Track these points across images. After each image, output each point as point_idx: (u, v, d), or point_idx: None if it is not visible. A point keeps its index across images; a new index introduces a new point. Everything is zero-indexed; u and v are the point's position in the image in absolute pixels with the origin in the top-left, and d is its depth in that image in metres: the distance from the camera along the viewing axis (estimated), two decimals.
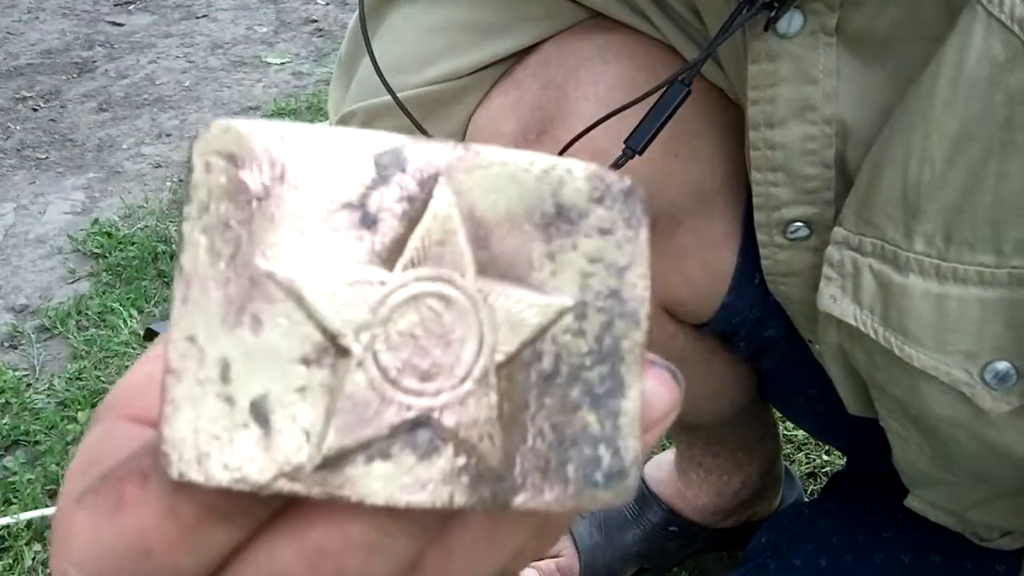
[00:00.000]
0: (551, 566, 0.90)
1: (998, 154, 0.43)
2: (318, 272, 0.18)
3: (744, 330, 0.64)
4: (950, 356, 0.46)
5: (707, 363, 0.70)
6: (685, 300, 0.64)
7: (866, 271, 0.48)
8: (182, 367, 0.18)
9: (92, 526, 0.19)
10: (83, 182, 1.80)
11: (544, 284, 0.19)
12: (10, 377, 1.23)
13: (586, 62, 0.57)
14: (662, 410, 0.20)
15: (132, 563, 0.18)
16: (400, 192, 0.18)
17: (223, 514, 0.18)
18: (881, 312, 0.48)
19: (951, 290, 0.45)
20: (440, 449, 0.18)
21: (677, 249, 0.61)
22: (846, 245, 0.50)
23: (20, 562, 0.95)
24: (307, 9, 2.85)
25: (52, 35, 2.63)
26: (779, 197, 0.54)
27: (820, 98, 0.50)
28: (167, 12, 2.83)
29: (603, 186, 0.19)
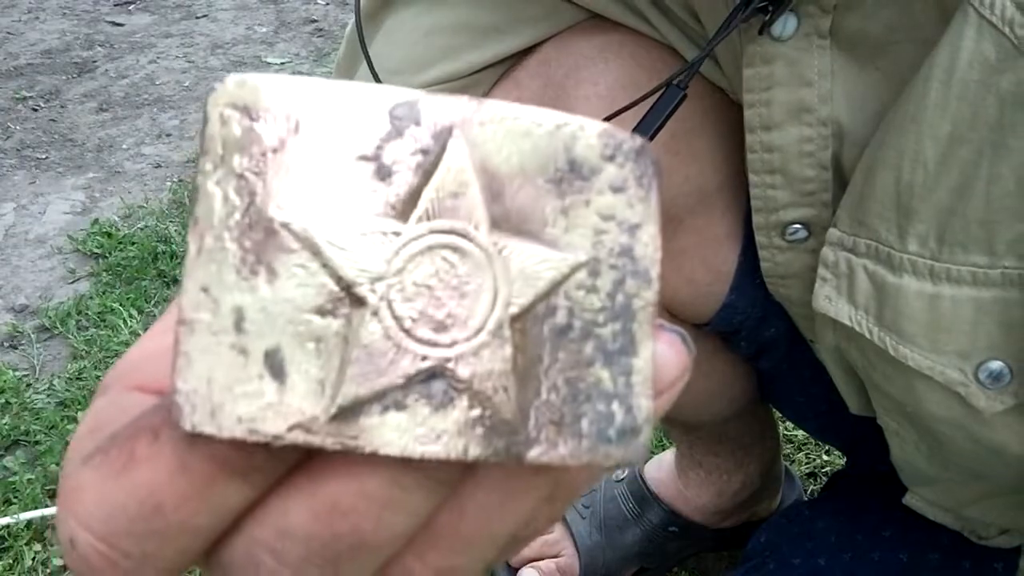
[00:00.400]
0: (551, 566, 0.90)
1: (989, 156, 0.43)
2: (333, 223, 0.18)
3: (745, 330, 0.64)
4: (944, 356, 0.46)
5: (708, 363, 0.70)
6: (686, 300, 0.64)
7: (860, 272, 0.49)
8: (195, 318, 0.18)
9: (101, 485, 0.18)
10: (83, 182, 1.80)
11: (557, 239, 0.19)
12: (10, 377, 1.23)
13: (586, 62, 0.57)
14: (673, 374, 0.20)
15: (142, 522, 0.18)
16: (414, 144, 0.18)
17: (236, 469, 0.18)
18: (875, 312, 0.48)
19: (944, 290, 0.45)
20: (455, 400, 0.18)
21: (678, 248, 0.62)
22: (840, 246, 0.50)
23: (20, 562, 0.95)
24: (307, 9, 2.85)
25: (52, 35, 2.63)
26: (777, 199, 0.54)
27: (815, 100, 0.50)
28: (167, 12, 2.83)
29: (615, 143, 0.19)
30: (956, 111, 0.43)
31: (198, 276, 0.18)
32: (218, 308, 0.18)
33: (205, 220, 0.18)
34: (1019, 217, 0.43)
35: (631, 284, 0.19)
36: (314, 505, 0.18)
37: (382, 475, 0.18)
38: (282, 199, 0.18)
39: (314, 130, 0.18)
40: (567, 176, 0.19)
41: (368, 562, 0.19)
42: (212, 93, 0.19)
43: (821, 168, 0.52)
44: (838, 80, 0.49)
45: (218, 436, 0.18)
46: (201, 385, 0.18)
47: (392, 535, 0.19)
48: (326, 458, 0.18)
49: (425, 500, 0.19)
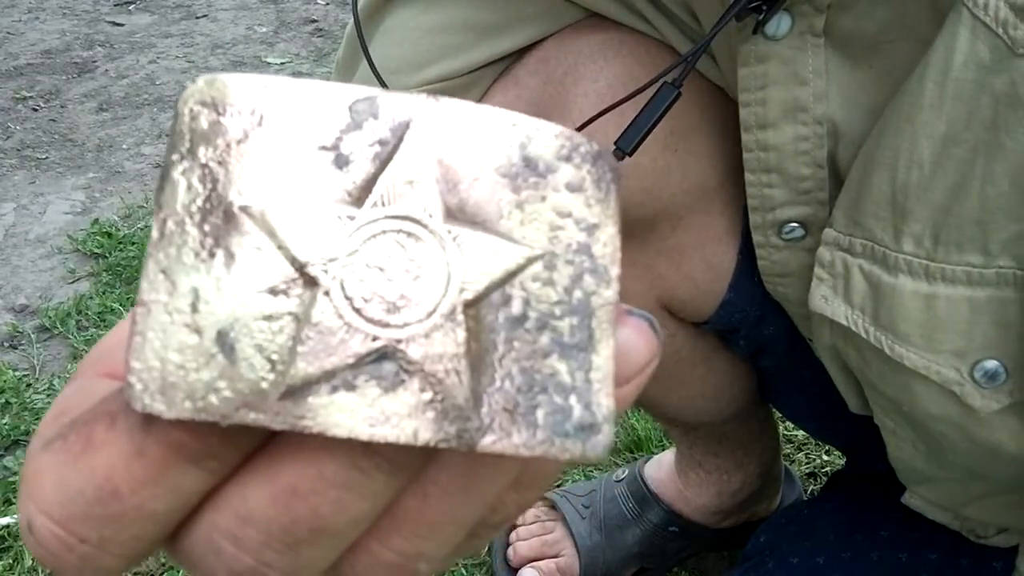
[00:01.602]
0: (551, 566, 0.90)
1: (984, 155, 0.43)
2: (290, 207, 0.18)
3: (744, 328, 0.64)
4: (939, 355, 0.47)
5: (707, 362, 0.70)
6: (685, 297, 0.64)
7: (856, 271, 0.49)
8: (152, 299, 0.18)
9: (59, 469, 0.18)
10: (83, 182, 1.80)
11: (512, 231, 0.19)
12: (10, 377, 1.23)
13: (586, 59, 0.57)
14: (640, 360, 0.20)
15: (99, 506, 0.18)
16: (373, 136, 0.19)
17: (192, 454, 0.18)
18: (872, 312, 0.49)
19: (940, 290, 0.45)
20: (405, 382, 0.18)
21: (677, 246, 0.61)
22: (836, 246, 0.50)
23: (20, 562, 0.95)
24: (307, 9, 2.85)
25: (52, 35, 2.63)
26: (774, 198, 0.54)
27: (810, 99, 0.50)
28: (167, 12, 2.83)
29: (571, 145, 0.20)
30: (951, 111, 0.43)
31: (158, 258, 0.18)
32: (175, 289, 0.18)
33: (168, 206, 0.19)
34: (1013, 217, 0.43)
35: (589, 281, 0.19)
36: (272, 490, 0.18)
37: (340, 459, 0.18)
38: (243, 185, 0.18)
39: (277, 123, 0.19)
40: (523, 172, 0.19)
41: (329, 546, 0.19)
42: (183, 91, 0.19)
43: (817, 166, 0.52)
44: (833, 79, 0.50)
45: (167, 415, 0.18)
46: (155, 365, 0.18)
47: (352, 519, 0.18)
48: (284, 442, 0.18)
49: (385, 484, 0.18)
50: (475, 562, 0.95)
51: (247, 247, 0.18)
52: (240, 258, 0.18)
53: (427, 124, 0.19)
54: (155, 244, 0.19)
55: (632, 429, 1.09)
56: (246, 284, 0.18)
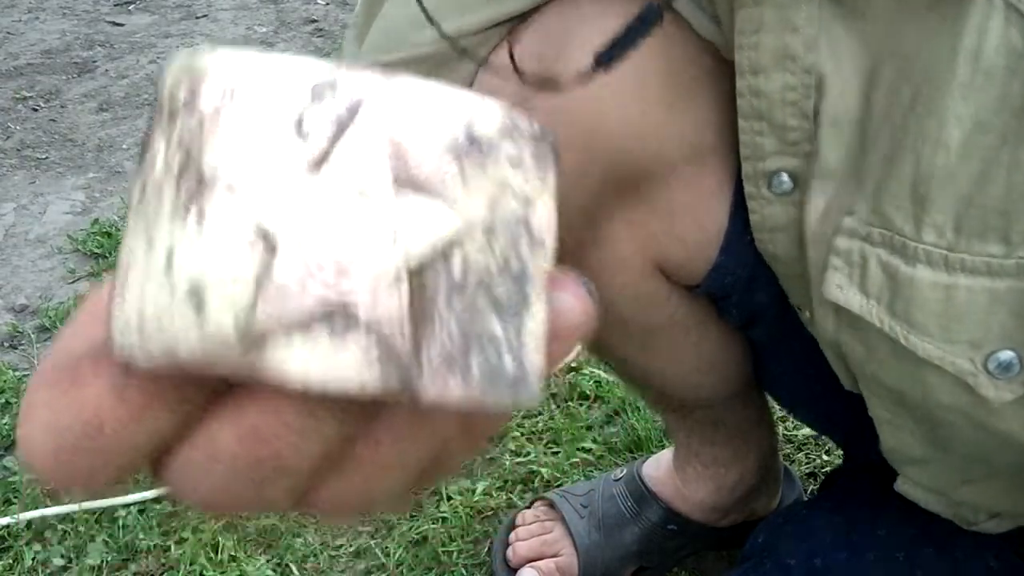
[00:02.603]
0: (551, 566, 0.90)
1: (1012, 143, 0.43)
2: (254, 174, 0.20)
3: (736, 293, 0.64)
4: (955, 346, 0.47)
5: (701, 328, 0.71)
6: (678, 258, 0.64)
7: (874, 261, 0.49)
8: (132, 257, 0.20)
9: (52, 402, 0.21)
10: (83, 182, 1.80)
11: (456, 202, 0.21)
12: (10, 377, 1.23)
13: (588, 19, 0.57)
14: (574, 320, 0.22)
15: (86, 439, 0.20)
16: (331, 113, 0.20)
17: (166, 399, 0.20)
18: (887, 301, 0.48)
19: (960, 280, 0.45)
20: (354, 338, 0.20)
21: (669, 204, 0.62)
22: (855, 235, 0.50)
23: (20, 562, 0.95)
24: (307, 9, 2.85)
25: (52, 35, 2.63)
26: (764, 147, 0.55)
27: (800, 47, 0.50)
28: (167, 12, 2.83)
29: (512, 123, 0.21)
30: (981, 97, 0.43)
31: (138, 220, 0.21)
32: (151, 248, 0.20)
33: (148, 171, 0.21)
34: None
35: (526, 250, 0.21)
36: (238, 431, 0.20)
37: (298, 406, 0.20)
38: (214, 155, 0.20)
39: (246, 98, 0.20)
40: (467, 148, 0.21)
41: (289, 483, 0.21)
42: (167, 65, 0.21)
43: (803, 118, 0.52)
44: (824, 29, 0.50)
45: (143, 365, 0.20)
46: (132, 317, 0.20)
47: (309, 460, 0.21)
48: (248, 389, 0.20)
49: (337, 430, 0.20)
50: (475, 562, 0.95)
51: (216, 211, 0.20)
52: (209, 221, 0.20)
53: (380, 102, 0.20)
54: (135, 207, 0.21)
55: (632, 429, 1.09)
56: (214, 245, 0.20)
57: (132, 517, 1.00)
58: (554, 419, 1.13)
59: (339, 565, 0.96)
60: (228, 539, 0.96)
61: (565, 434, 1.10)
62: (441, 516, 1.00)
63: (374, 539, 0.98)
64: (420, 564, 0.95)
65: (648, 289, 0.65)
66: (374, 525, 1.00)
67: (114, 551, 0.96)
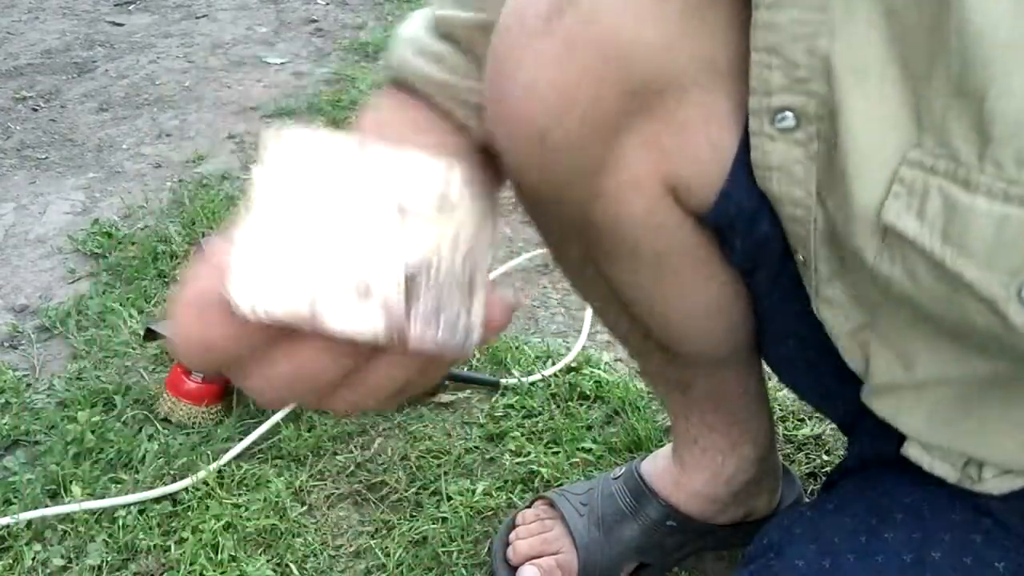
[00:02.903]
0: (551, 563, 0.90)
1: None
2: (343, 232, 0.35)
3: (741, 224, 0.65)
4: (994, 272, 0.49)
5: (711, 266, 0.71)
6: (690, 178, 0.64)
7: (935, 191, 0.50)
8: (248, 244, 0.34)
9: (188, 324, 0.36)
10: (83, 182, 1.80)
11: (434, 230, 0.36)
12: (10, 377, 1.23)
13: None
14: (499, 317, 0.38)
15: (206, 353, 0.36)
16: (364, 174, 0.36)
17: (255, 335, 0.35)
18: (941, 227, 0.50)
19: (1013, 212, 0.47)
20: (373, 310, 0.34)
21: (683, 121, 0.62)
22: (920, 166, 0.51)
23: (20, 562, 0.95)
24: (307, 9, 2.85)
25: (52, 35, 2.63)
26: (771, 82, 0.56)
27: None
28: (167, 12, 2.83)
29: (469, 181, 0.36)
30: None
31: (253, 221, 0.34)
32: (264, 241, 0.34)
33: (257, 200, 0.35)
34: None
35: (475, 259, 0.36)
36: (291, 359, 0.36)
37: (332, 347, 0.35)
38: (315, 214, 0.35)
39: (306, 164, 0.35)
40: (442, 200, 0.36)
41: (317, 391, 0.37)
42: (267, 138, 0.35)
43: (811, 55, 0.53)
44: None
45: (242, 310, 0.33)
46: (244, 283, 0.34)
47: (332, 379, 0.37)
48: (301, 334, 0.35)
49: (353, 361, 0.37)
50: (475, 562, 0.95)
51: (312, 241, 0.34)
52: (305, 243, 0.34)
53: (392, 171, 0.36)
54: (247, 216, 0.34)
55: (632, 429, 1.09)
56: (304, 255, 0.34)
57: (132, 517, 0.99)
58: (554, 419, 1.13)
59: (339, 565, 0.96)
60: (228, 539, 0.96)
61: (565, 434, 1.10)
62: (441, 516, 1.00)
63: (374, 539, 0.98)
64: (420, 564, 0.95)
65: (661, 211, 0.66)
66: (374, 525, 1.00)
67: (114, 551, 0.96)
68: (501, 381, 1.19)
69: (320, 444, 1.10)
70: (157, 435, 1.11)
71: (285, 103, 2.09)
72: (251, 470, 1.06)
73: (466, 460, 1.08)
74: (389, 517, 1.01)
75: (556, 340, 1.30)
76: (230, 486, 1.04)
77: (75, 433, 1.10)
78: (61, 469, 1.05)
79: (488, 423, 1.14)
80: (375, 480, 1.05)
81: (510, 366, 1.23)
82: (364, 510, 1.03)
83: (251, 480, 1.05)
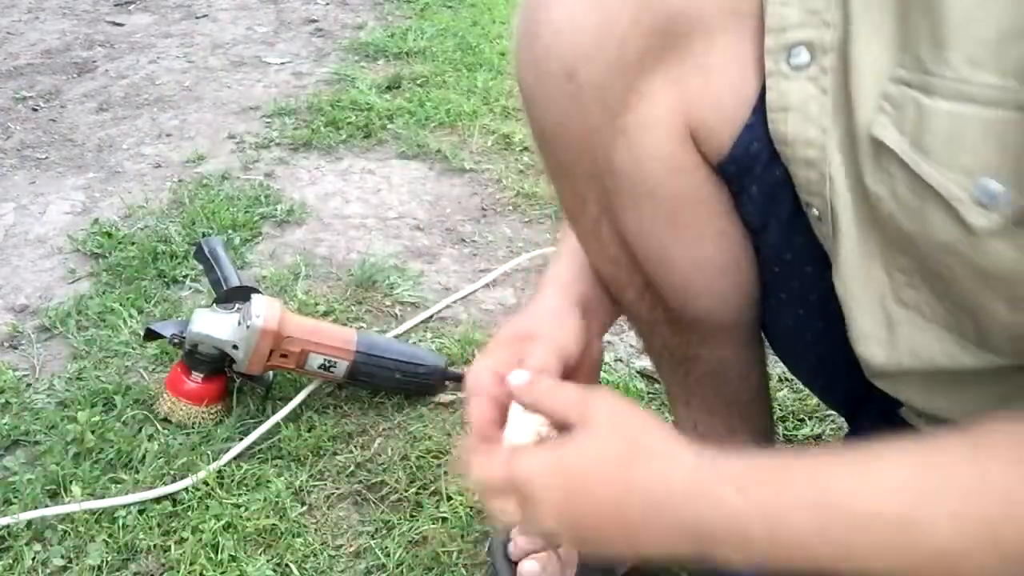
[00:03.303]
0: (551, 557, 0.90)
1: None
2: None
3: (757, 167, 0.67)
4: (952, 172, 0.51)
5: (721, 219, 0.73)
6: (710, 120, 0.67)
7: (910, 103, 0.53)
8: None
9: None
10: (83, 182, 1.80)
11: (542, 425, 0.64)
12: (10, 377, 1.23)
13: None
14: None
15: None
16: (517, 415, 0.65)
17: None
18: (913, 135, 0.53)
19: (965, 110, 0.50)
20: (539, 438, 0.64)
21: (708, 63, 0.65)
22: (901, 81, 0.54)
23: (20, 562, 0.95)
24: (307, 9, 2.85)
25: (52, 35, 2.63)
26: (788, 18, 0.59)
27: None
28: (167, 12, 2.83)
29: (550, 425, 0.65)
30: None
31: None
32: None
33: None
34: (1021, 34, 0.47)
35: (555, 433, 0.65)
36: None
37: None
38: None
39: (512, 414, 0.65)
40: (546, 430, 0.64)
41: None
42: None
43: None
44: None
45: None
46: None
47: None
48: None
49: None
50: (475, 562, 0.95)
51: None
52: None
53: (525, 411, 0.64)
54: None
55: None
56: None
57: (132, 517, 1.00)
58: None
59: (339, 565, 0.96)
60: (228, 539, 0.96)
61: None
62: (441, 516, 1.00)
63: (374, 539, 0.98)
64: (420, 564, 0.95)
65: (680, 154, 0.68)
66: (374, 525, 1.00)
67: (114, 551, 0.96)
68: None
69: (320, 444, 1.10)
70: (157, 435, 1.11)
71: (285, 103, 2.09)
72: (251, 470, 1.06)
73: None
74: (389, 517, 1.01)
75: None
76: (230, 486, 1.04)
77: (75, 433, 1.10)
78: (61, 469, 1.05)
79: None
80: (375, 480, 1.06)
81: None
82: (364, 510, 1.03)
83: (251, 480, 1.05)
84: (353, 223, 1.63)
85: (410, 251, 1.55)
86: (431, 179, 1.79)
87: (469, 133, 1.94)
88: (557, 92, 0.65)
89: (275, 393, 1.18)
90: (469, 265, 1.51)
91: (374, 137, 1.93)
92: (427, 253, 1.55)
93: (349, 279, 1.44)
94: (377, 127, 1.96)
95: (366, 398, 1.18)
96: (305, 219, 1.64)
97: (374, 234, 1.60)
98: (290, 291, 1.41)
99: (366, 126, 1.96)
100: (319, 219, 1.64)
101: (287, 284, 1.43)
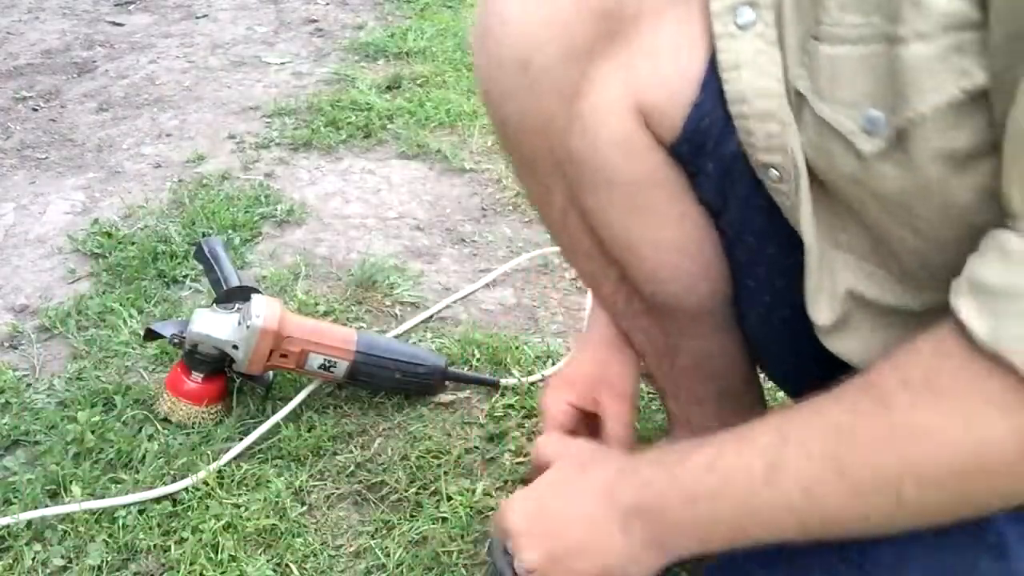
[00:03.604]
0: None
1: None
2: None
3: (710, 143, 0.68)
4: (839, 105, 0.56)
5: (680, 202, 0.73)
6: (661, 102, 0.67)
7: (816, 52, 0.57)
8: None
9: None
10: (83, 182, 1.80)
11: None
12: (10, 377, 1.23)
13: None
14: None
15: None
16: None
17: None
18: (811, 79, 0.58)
19: (840, 50, 0.55)
20: None
21: (655, 46, 0.66)
22: (812, 35, 0.58)
23: (20, 562, 0.95)
24: (307, 9, 2.85)
25: (52, 35, 2.63)
26: None
27: None
28: (167, 12, 2.83)
29: None
30: None
31: None
32: None
33: None
34: None
35: None
36: None
37: None
38: None
39: None
40: None
41: None
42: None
43: None
44: None
45: None
46: None
47: None
48: None
49: None
50: (475, 562, 0.95)
51: None
52: None
53: None
54: None
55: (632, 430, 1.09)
56: None
57: (132, 517, 1.00)
58: None
59: (339, 565, 0.96)
60: (228, 539, 0.96)
61: None
62: (441, 516, 1.00)
63: (374, 539, 0.98)
64: (420, 564, 0.95)
65: (634, 137, 0.69)
66: (374, 525, 1.00)
67: (114, 551, 0.96)
68: (501, 381, 1.19)
69: (320, 444, 1.10)
70: (157, 435, 1.11)
71: (285, 103, 2.09)
72: (251, 470, 1.06)
73: (466, 460, 1.08)
74: (389, 517, 1.01)
75: (556, 340, 1.30)
76: (230, 486, 1.04)
77: (75, 433, 1.10)
78: (61, 469, 1.05)
79: (488, 423, 1.14)
80: (375, 480, 1.06)
81: (510, 366, 1.23)
82: (364, 510, 1.03)
83: (251, 480, 1.05)
84: (353, 223, 1.63)
85: (410, 251, 1.55)
86: (431, 179, 1.79)
87: (469, 133, 1.94)
88: (514, 85, 0.67)
89: (275, 393, 1.18)
90: (469, 265, 1.51)
91: (374, 137, 1.93)
92: (427, 253, 1.55)
93: (349, 279, 1.44)
94: (377, 127, 1.96)
95: (366, 398, 1.18)
96: (305, 219, 1.64)
97: (374, 234, 1.60)
98: (290, 291, 1.41)
99: (366, 126, 1.96)
100: (319, 219, 1.64)
101: (287, 284, 1.43)
